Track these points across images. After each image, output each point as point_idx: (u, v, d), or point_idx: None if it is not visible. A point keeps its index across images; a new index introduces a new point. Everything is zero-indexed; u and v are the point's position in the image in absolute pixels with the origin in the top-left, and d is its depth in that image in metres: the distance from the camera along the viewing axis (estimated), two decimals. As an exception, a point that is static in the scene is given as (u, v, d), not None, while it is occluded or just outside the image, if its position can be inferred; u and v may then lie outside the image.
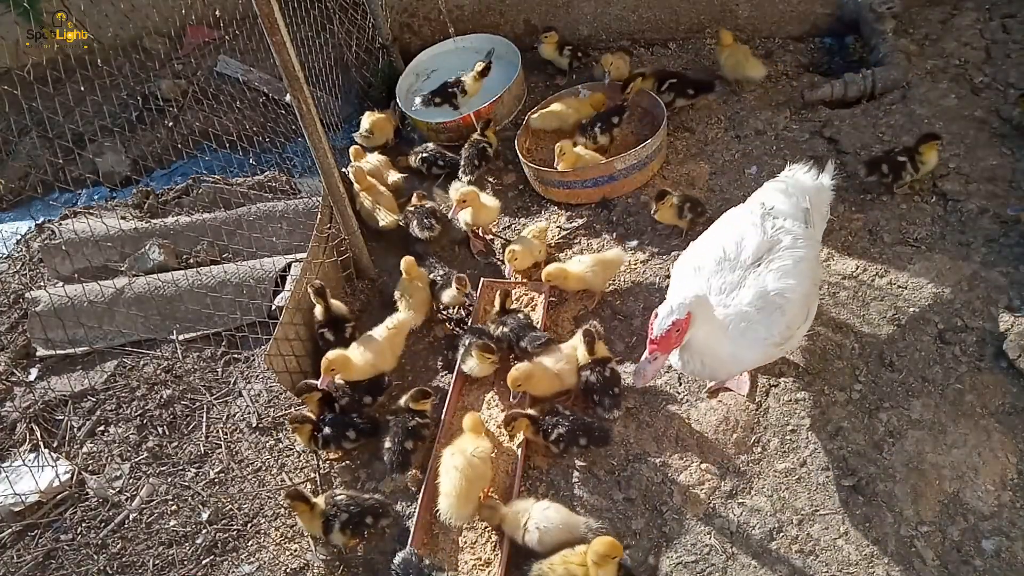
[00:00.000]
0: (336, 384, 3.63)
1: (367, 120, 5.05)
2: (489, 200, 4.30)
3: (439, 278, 4.05)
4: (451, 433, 3.42)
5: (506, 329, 3.63)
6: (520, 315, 3.73)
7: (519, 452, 3.32)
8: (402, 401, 3.43)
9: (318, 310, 3.87)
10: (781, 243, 2.93)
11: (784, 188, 3.15)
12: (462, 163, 4.68)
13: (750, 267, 2.91)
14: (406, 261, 4.02)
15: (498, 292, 3.79)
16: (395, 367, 3.80)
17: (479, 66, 5.00)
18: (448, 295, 3.83)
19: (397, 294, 4.00)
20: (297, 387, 3.54)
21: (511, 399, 3.48)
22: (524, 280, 4.07)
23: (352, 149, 4.85)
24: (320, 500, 3.13)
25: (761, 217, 3.02)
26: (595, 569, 2.70)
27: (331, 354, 3.54)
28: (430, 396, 3.42)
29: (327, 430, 3.42)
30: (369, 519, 3.11)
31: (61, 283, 4.66)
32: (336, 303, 3.94)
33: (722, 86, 4.84)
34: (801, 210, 3.05)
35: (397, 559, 2.91)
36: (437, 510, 3.06)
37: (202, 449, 3.76)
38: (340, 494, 3.17)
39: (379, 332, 3.75)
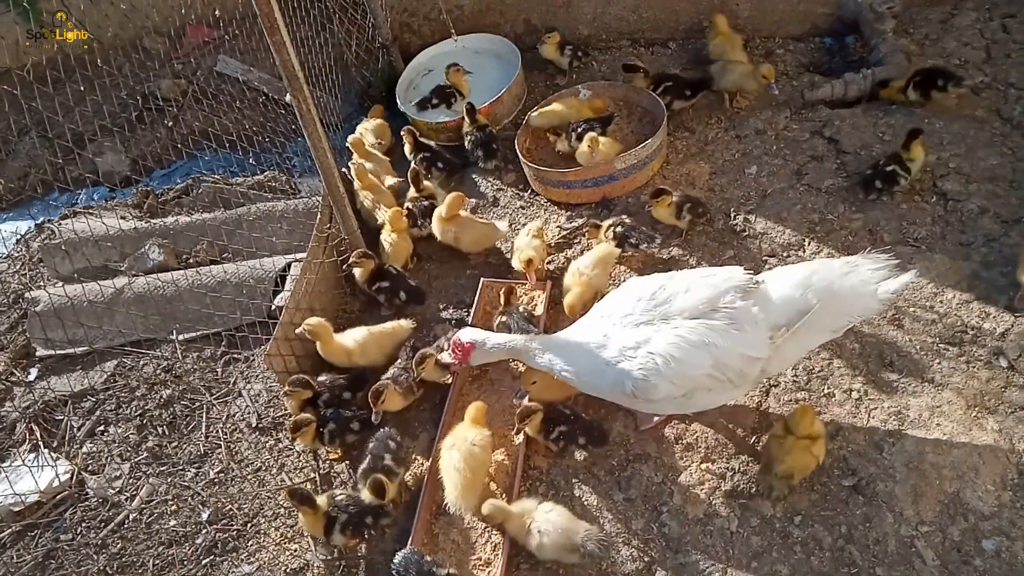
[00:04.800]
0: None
1: (372, 130, 5.05)
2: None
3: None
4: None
5: (504, 320, 3.63)
6: (522, 311, 3.73)
7: (520, 452, 3.32)
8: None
9: (411, 192, 4.49)
10: (713, 319, 2.68)
11: (807, 274, 2.76)
12: (480, 153, 4.70)
13: (660, 318, 2.74)
14: (392, 211, 4.25)
15: (502, 291, 3.78)
16: (380, 366, 3.75)
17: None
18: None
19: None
20: (290, 379, 3.52)
21: (514, 398, 3.45)
22: (523, 281, 4.06)
23: (351, 139, 4.81)
24: (322, 501, 3.13)
25: (725, 282, 2.74)
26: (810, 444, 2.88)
27: (313, 319, 3.66)
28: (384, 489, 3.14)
29: (331, 425, 3.43)
30: (369, 519, 3.10)
31: (61, 283, 4.66)
32: (428, 184, 4.53)
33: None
34: (796, 311, 2.68)
35: (398, 557, 2.90)
36: (437, 509, 3.04)
37: (202, 449, 3.76)
38: (340, 494, 3.17)
39: (375, 328, 3.77)
